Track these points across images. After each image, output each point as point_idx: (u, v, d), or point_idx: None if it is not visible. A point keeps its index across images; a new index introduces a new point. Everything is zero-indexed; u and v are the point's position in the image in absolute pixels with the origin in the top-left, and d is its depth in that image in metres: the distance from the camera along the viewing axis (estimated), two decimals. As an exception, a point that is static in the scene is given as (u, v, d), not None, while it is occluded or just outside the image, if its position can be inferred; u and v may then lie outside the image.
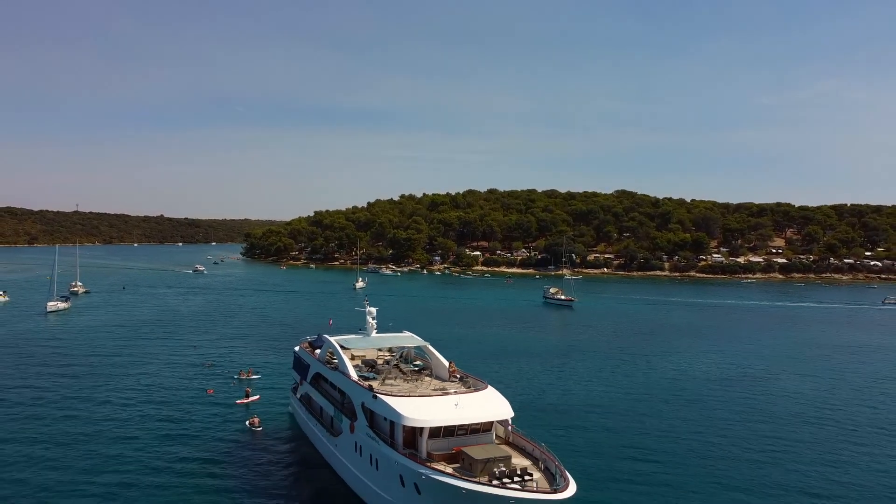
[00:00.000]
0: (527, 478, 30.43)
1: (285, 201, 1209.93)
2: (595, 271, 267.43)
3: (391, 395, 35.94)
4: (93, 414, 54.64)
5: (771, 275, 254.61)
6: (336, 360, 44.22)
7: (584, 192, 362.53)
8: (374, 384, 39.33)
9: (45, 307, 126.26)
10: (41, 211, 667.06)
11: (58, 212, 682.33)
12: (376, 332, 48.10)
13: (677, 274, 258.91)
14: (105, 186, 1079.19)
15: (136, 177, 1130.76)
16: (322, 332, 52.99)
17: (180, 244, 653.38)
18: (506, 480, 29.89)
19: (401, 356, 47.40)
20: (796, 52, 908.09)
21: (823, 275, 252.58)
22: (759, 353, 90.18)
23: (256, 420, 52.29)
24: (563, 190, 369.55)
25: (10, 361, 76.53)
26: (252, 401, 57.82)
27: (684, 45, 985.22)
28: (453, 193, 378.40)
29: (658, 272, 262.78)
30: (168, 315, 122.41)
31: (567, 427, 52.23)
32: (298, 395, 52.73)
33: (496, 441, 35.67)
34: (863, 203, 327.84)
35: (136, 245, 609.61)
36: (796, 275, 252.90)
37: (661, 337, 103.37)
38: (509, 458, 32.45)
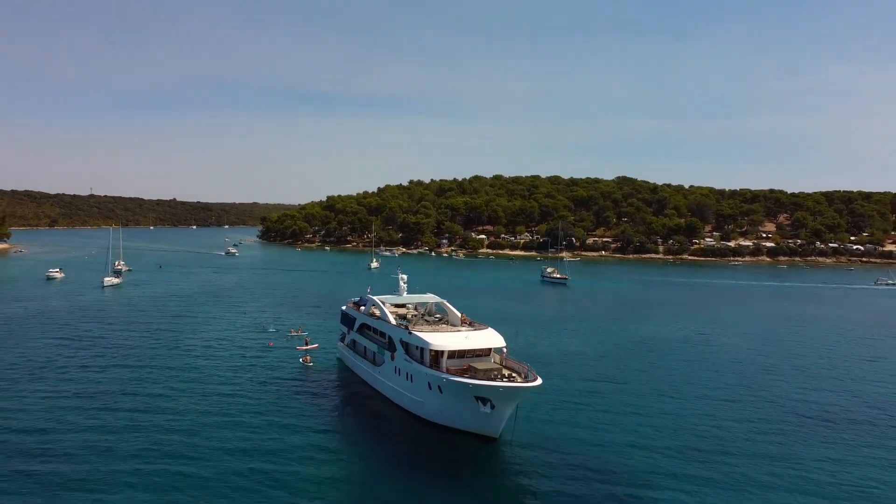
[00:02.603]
0: (511, 378, 47.09)
1: (293, 186, 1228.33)
2: (594, 254, 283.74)
3: (421, 332, 52.64)
4: (184, 355, 71.94)
5: (759, 258, 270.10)
6: (379, 312, 61.03)
7: (587, 178, 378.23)
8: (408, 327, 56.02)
9: (102, 282, 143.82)
10: (58, 194, 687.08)
11: (74, 195, 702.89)
12: (406, 294, 64.96)
13: (670, 257, 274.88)
14: (116, 170, 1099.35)
15: (147, 161, 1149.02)
16: (363, 295, 69.83)
17: (194, 227, 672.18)
18: (497, 380, 46.55)
19: (426, 310, 63.95)
20: (806, 37, 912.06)
21: (808, 258, 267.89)
22: (719, 320, 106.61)
23: (308, 358, 69.66)
24: (566, 175, 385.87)
25: (96, 322, 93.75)
26: (311, 348, 74.79)
27: (692, 30, 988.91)
28: (460, 179, 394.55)
29: (653, 255, 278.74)
30: (213, 288, 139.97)
31: (546, 364, 68.98)
32: (346, 343, 69.61)
33: (494, 362, 52.27)
34: (857, 190, 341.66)
35: (151, 228, 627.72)
36: (782, 258, 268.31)
37: (640, 308, 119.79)
38: (501, 370, 49.08)
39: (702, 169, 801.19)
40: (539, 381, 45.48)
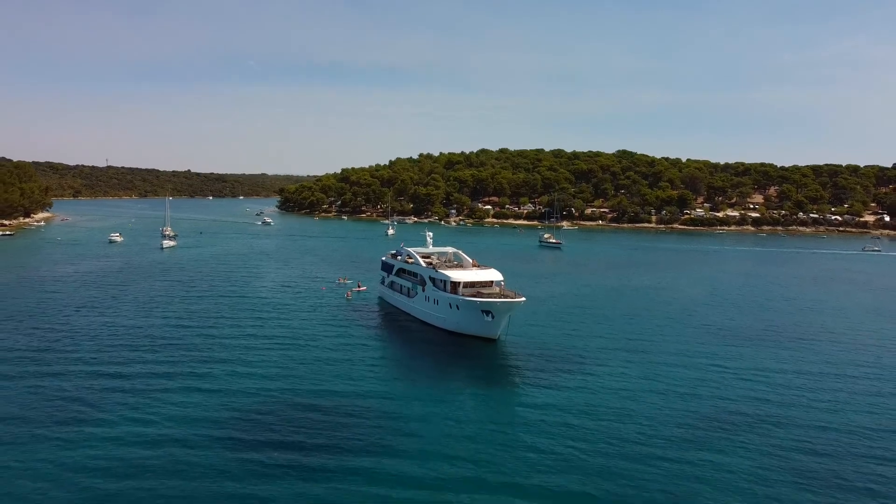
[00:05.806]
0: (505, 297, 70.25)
1: (303, 157, 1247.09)
2: (591, 223, 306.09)
3: (444, 270, 75.79)
4: (257, 294, 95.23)
5: (744, 227, 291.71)
6: (412, 259, 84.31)
7: (588, 151, 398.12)
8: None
9: (161, 244, 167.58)
10: (78, 166, 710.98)
11: (93, 167, 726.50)
12: (432, 247, 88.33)
13: (662, 226, 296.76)
14: (130, 142, 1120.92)
15: (159, 133, 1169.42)
16: (398, 248, 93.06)
17: (210, 198, 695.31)
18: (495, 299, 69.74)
19: (446, 258, 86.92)
20: (819, 8, 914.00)
21: (789, 228, 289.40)
22: (686, 274, 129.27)
23: (349, 294, 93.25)
24: (570, 148, 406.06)
25: (176, 272, 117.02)
26: (361, 290, 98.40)
27: (700, 1, 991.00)
28: (468, 152, 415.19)
29: (645, 224, 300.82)
30: (257, 250, 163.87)
31: (534, 301, 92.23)
32: (385, 284, 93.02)
33: (495, 290, 75.38)
34: (847, 164, 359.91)
35: (170, 199, 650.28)
36: (766, 227, 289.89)
37: (622, 267, 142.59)
38: (500, 294, 72.23)
39: (703, 142, 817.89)
40: (524, 298, 68.66)
